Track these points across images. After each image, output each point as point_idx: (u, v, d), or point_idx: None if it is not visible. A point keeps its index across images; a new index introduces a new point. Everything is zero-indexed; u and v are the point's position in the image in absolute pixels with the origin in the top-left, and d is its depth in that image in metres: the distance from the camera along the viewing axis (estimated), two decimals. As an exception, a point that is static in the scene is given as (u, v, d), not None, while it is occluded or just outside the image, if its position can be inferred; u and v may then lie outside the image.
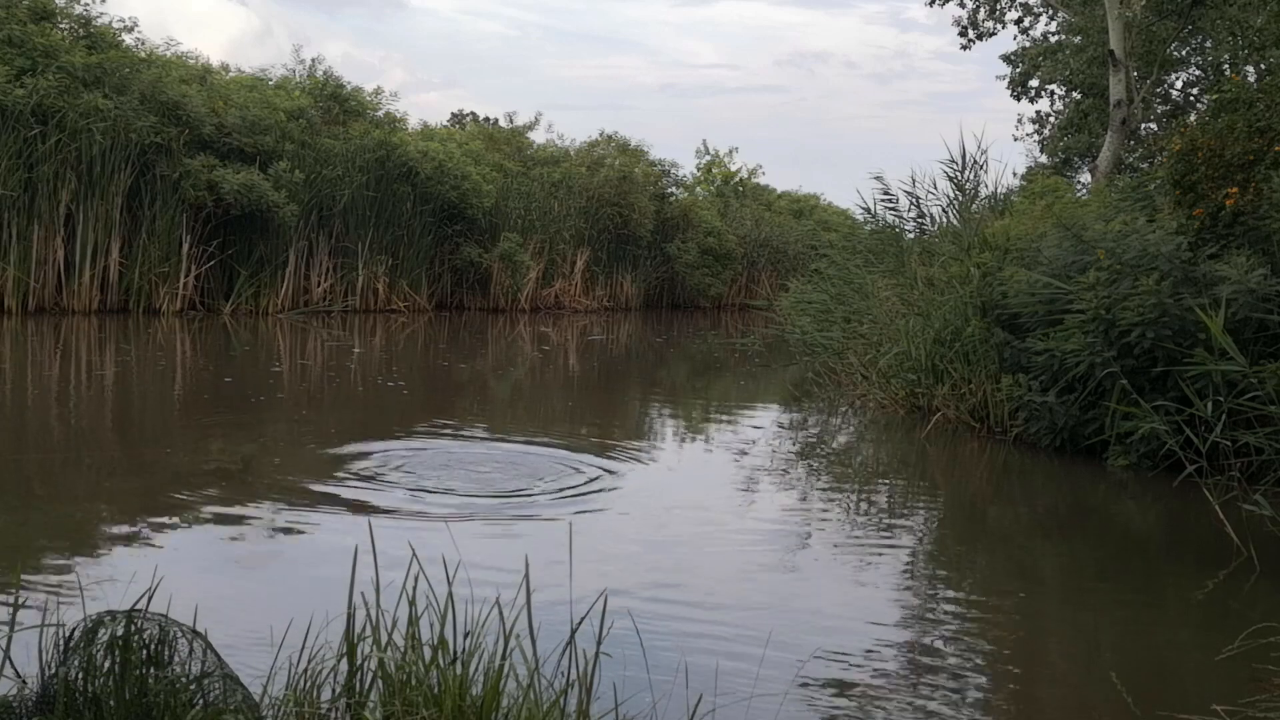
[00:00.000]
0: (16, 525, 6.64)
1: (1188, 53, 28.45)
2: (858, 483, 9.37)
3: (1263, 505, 6.83)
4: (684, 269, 38.28)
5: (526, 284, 32.35)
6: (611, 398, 15.66)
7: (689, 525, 7.28)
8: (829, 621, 5.40)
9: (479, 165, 30.89)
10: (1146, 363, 9.38)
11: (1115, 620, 5.79)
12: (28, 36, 22.22)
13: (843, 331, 16.72)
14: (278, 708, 3.34)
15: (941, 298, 13.11)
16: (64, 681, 3.13)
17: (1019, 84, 30.97)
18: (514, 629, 3.44)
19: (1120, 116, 20.95)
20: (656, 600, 5.50)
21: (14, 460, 8.76)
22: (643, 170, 36.89)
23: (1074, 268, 10.40)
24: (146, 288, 23.81)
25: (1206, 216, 9.91)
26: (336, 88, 29.24)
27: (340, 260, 27.69)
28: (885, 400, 13.37)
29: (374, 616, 3.46)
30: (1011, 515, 8.60)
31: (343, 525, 6.70)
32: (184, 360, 16.80)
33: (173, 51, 26.95)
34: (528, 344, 23.69)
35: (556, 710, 3.32)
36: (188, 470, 8.35)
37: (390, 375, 16.31)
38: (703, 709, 3.53)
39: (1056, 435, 10.21)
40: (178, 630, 3.25)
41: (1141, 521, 8.50)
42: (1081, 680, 4.90)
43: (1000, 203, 16.70)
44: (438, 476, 8.12)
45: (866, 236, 19.20)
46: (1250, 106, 10.12)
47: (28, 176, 21.84)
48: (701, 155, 48.01)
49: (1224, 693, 4.51)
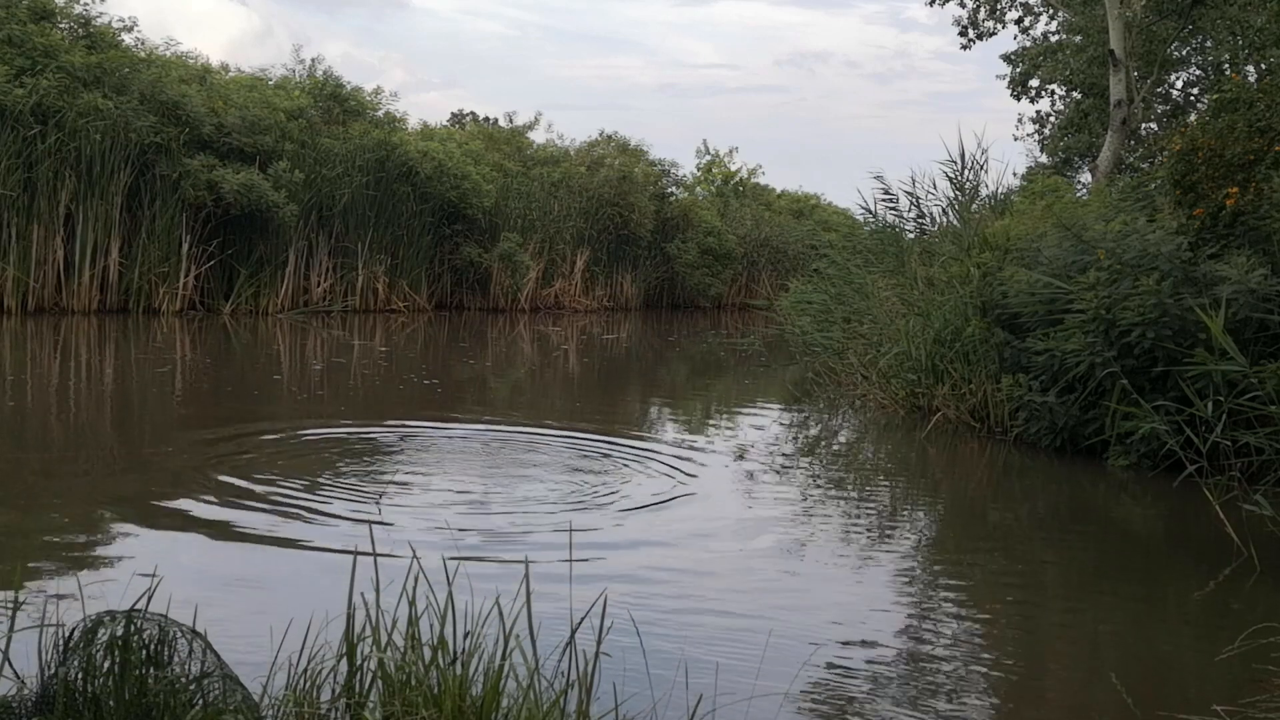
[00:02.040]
0: (16, 525, 6.64)
1: (1188, 53, 28.44)
2: (858, 483, 9.37)
3: (1263, 505, 6.82)
4: (684, 269, 38.27)
5: (526, 284, 32.35)
6: (612, 395, 15.65)
7: (689, 525, 7.27)
8: (829, 621, 5.39)
9: (479, 165, 30.90)
10: (1147, 363, 9.38)
11: (1115, 620, 5.79)
12: (27, 36, 22.22)
13: (843, 331, 16.72)
14: (277, 708, 3.33)
15: (942, 298, 13.11)
16: (63, 682, 3.12)
17: (1019, 84, 30.92)
18: (514, 629, 3.43)
19: (1120, 116, 20.94)
20: (657, 600, 5.50)
21: (14, 460, 8.76)
22: (643, 170, 36.89)
23: (1074, 268, 10.40)
24: (146, 288, 23.82)
25: (1207, 216, 9.91)
26: (336, 88, 29.24)
27: (340, 260, 27.69)
28: (885, 400, 13.36)
29: (374, 616, 3.46)
30: (1011, 515, 8.60)
31: (344, 525, 6.70)
32: (184, 360, 16.80)
33: (172, 51, 26.98)
34: (544, 343, 23.68)
35: (556, 710, 3.32)
36: (188, 470, 8.34)
37: (422, 375, 16.31)
38: (703, 709, 3.53)
39: (1057, 435, 10.21)
40: (177, 630, 3.24)
41: (1142, 522, 8.49)
42: (1081, 680, 4.90)
43: (1000, 203, 16.69)
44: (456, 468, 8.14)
45: (866, 236, 19.18)
46: (1250, 106, 10.11)
47: (27, 176, 21.85)
48: (702, 155, 48.05)
49: (1224, 693, 4.51)
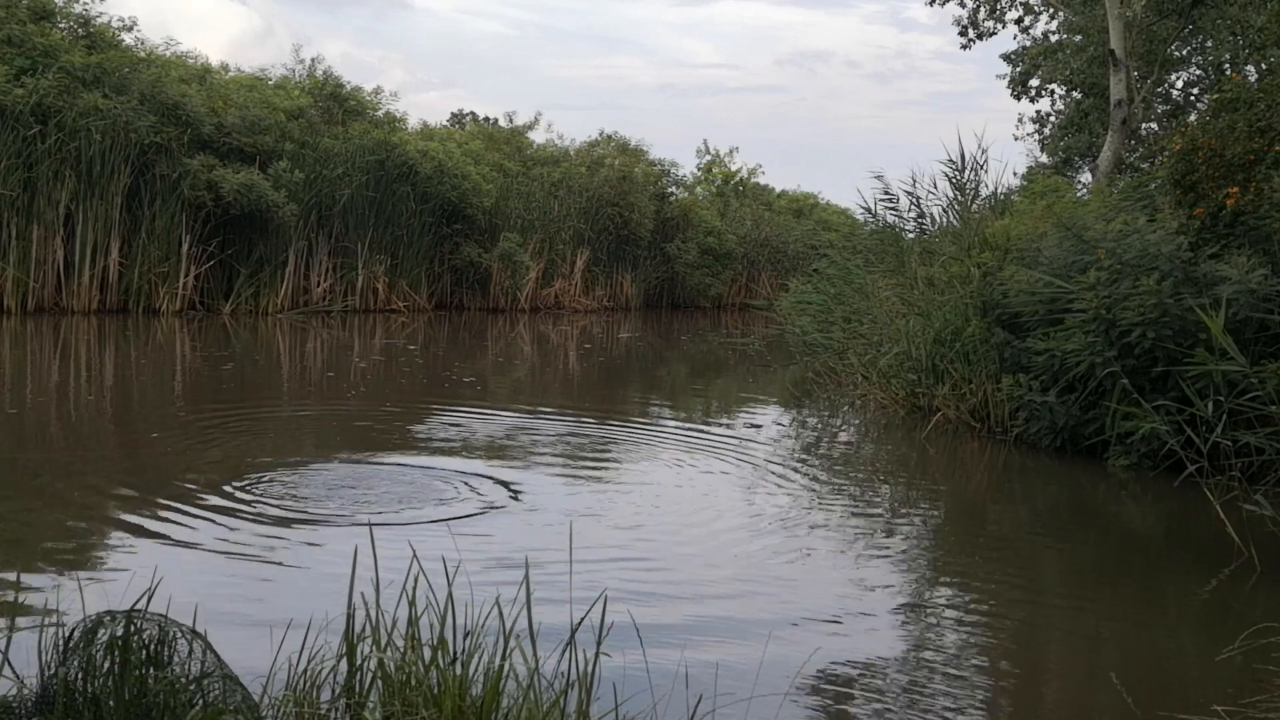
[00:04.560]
0: (16, 525, 6.64)
1: (1188, 52, 28.43)
2: (858, 483, 9.36)
3: (1263, 505, 6.82)
4: (684, 269, 38.25)
5: (526, 284, 32.35)
6: (613, 394, 15.65)
7: (688, 525, 7.27)
8: (829, 621, 5.39)
9: (479, 165, 30.90)
10: (1147, 363, 9.38)
11: (1115, 620, 5.79)
12: (27, 36, 22.23)
13: (843, 331, 16.72)
14: (277, 708, 3.33)
15: (942, 297, 13.10)
16: (63, 682, 3.12)
17: (1019, 84, 30.91)
18: (514, 629, 3.43)
19: (1121, 116, 20.94)
20: (657, 600, 5.49)
21: (13, 460, 8.76)
22: (643, 170, 36.89)
23: (1074, 267, 10.40)
24: (146, 288, 23.82)
25: (1207, 216, 9.91)
26: (336, 87, 29.24)
27: (340, 260, 27.69)
28: (885, 400, 13.36)
29: (374, 616, 3.45)
30: (1012, 515, 8.59)
31: (345, 524, 6.69)
32: (183, 360, 16.80)
33: (172, 51, 27.00)
34: (573, 342, 23.69)
35: (556, 710, 3.31)
36: (188, 470, 8.34)
37: (458, 371, 16.32)
38: (703, 709, 3.53)
39: (1057, 435, 10.20)
40: (177, 630, 3.24)
41: (1142, 522, 8.49)
42: (1081, 680, 4.90)
43: (1001, 202, 16.69)
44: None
45: (866, 236, 19.19)
46: (1251, 106, 10.11)
47: (27, 176, 21.85)
48: (702, 155, 48.02)
49: (1224, 693, 4.50)
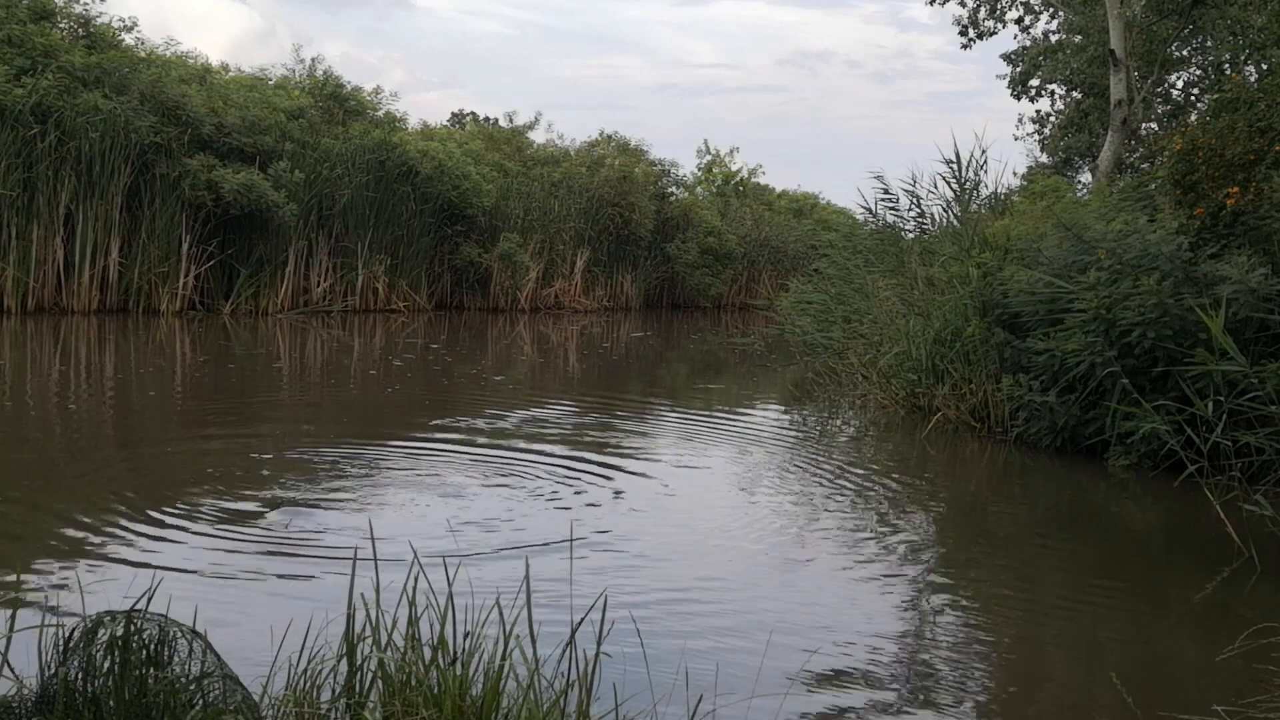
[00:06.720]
0: (16, 525, 6.64)
1: (1188, 52, 28.43)
2: (858, 483, 9.36)
3: (1263, 505, 6.82)
4: (684, 269, 38.25)
5: (526, 284, 32.35)
6: (612, 393, 15.65)
7: (689, 525, 7.27)
8: (829, 621, 5.39)
9: (479, 165, 30.89)
10: (1147, 363, 9.37)
11: (1115, 620, 5.78)
12: (27, 36, 22.23)
13: (843, 331, 16.71)
14: (277, 708, 3.33)
15: (942, 298, 13.10)
16: (63, 682, 3.12)
17: (1019, 83, 30.91)
18: (514, 629, 3.42)
19: (1121, 116, 20.93)
20: (657, 600, 5.49)
21: (13, 460, 8.75)
22: (643, 170, 36.89)
23: (1074, 267, 10.39)
24: (146, 288, 23.82)
25: (1207, 216, 9.91)
26: (336, 87, 29.24)
27: (340, 260, 27.69)
28: (885, 400, 13.36)
29: (374, 616, 3.45)
30: (1012, 515, 8.59)
31: (345, 525, 6.69)
32: (184, 360, 16.80)
33: (172, 51, 27.01)
34: (580, 341, 23.68)
35: (556, 710, 3.31)
36: (188, 470, 8.34)
37: (486, 370, 16.31)
38: (703, 709, 3.52)
39: (1057, 435, 10.20)
40: (177, 630, 3.24)
41: (1142, 522, 8.49)
42: (1081, 680, 4.89)
43: (1001, 202, 16.68)
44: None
45: (867, 236, 19.17)
46: (1251, 106, 10.11)
47: (27, 176, 21.85)
48: (702, 155, 48.05)
49: (1224, 693, 4.50)
